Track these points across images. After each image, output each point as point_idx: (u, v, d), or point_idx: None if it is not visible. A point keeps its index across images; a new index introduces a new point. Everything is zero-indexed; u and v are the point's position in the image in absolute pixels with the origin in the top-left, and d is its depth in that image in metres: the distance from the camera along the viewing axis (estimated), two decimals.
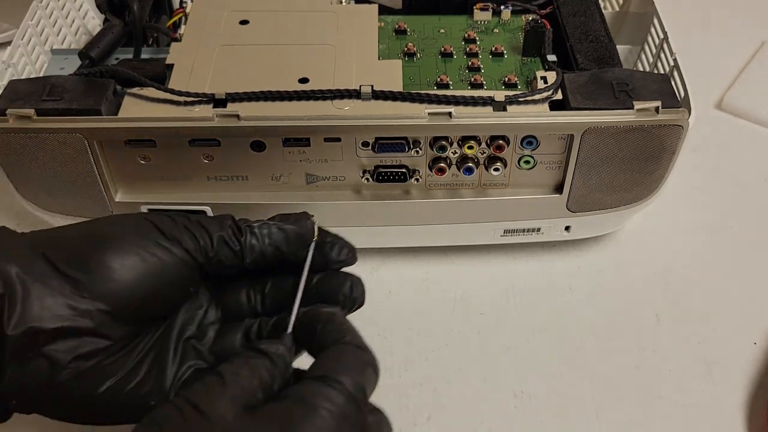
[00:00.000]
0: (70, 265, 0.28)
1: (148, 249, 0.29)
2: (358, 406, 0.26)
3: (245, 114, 0.36)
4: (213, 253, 0.30)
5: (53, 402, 0.29)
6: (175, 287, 0.30)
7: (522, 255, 0.46)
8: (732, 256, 0.46)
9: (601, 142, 0.37)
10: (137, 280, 0.28)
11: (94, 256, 0.28)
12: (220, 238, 0.30)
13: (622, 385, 0.40)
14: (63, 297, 0.27)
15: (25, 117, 0.36)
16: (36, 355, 0.27)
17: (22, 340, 0.27)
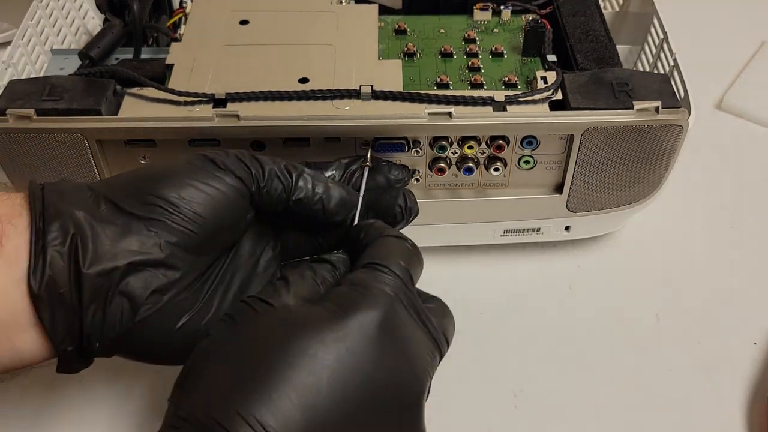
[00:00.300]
0: (132, 204, 0.29)
1: (202, 180, 0.30)
2: (408, 288, 0.29)
3: (245, 114, 0.36)
4: (264, 183, 0.31)
5: (134, 343, 0.29)
6: (231, 215, 0.31)
7: (522, 255, 0.46)
8: (732, 256, 0.46)
9: (601, 142, 0.37)
10: (196, 209, 0.29)
11: (154, 192, 0.29)
12: (271, 170, 0.31)
13: (622, 385, 0.40)
14: (130, 234, 0.28)
15: (25, 117, 0.36)
16: (114, 293, 0.28)
17: (99, 279, 0.27)
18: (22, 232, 0.27)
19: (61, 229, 0.27)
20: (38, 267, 0.27)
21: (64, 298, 0.27)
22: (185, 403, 0.26)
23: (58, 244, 0.27)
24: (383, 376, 0.27)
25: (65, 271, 0.27)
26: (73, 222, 0.28)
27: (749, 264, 0.46)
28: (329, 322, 0.27)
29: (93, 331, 0.28)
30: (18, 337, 0.27)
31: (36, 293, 0.27)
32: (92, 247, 0.28)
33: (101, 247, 0.28)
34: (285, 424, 0.24)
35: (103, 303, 0.28)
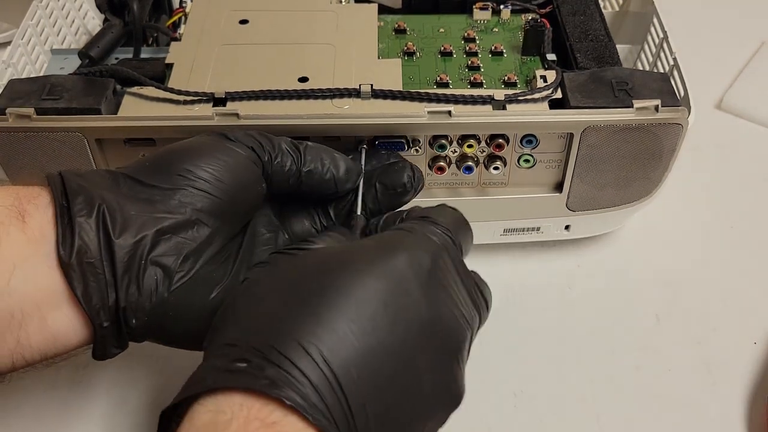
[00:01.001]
0: (153, 177, 0.30)
1: (218, 151, 0.31)
2: (457, 246, 0.30)
3: (245, 113, 0.36)
4: (276, 155, 0.32)
5: (169, 318, 0.29)
6: (248, 179, 0.31)
7: (522, 254, 0.46)
8: (732, 256, 0.46)
9: (600, 141, 0.37)
10: (216, 174, 0.30)
11: (173, 165, 0.30)
12: (280, 144, 0.33)
13: (622, 385, 0.40)
14: (156, 203, 0.29)
15: (24, 116, 0.36)
16: (146, 262, 0.28)
17: (131, 248, 0.28)
18: (44, 210, 0.27)
19: (86, 202, 0.28)
20: (66, 238, 0.27)
21: (96, 268, 0.27)
22: (230, 334, 0.25)
23: (85, 215, 0.27)
24: (431, 316, 0.27)
25: (95, 241, 0.27)
26: (97, 195, 0.28)
27: (749, 264, 0.46)
28: (379, 256, 0.27)
29: (129, 304, 0.28)
30: (51, 315, 0.27)
31: (67, 263, 0.26)
32: (120, 217, 0.28)
33: (129, 216, 0.28)
34: (344, 354, 0.24)
35: (137, 272, 0.28)
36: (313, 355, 0.23)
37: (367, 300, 0.25)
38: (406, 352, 0.25)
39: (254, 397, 0.23)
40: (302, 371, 0.23)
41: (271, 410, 0.23)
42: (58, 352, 0.28)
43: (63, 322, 0.27)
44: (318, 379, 0.23)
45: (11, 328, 0.26)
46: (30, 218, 0.27)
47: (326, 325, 0.24)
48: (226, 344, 0.25)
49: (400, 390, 0.25)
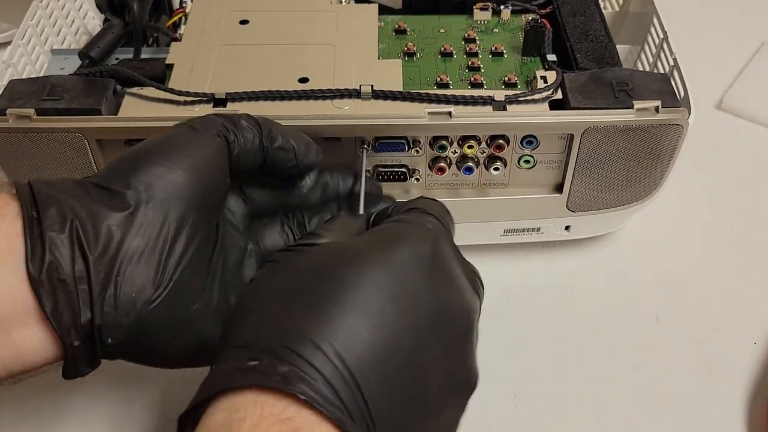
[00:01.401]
0: (122, 183, 0.28)
1: (186, 147, 0.30)
2: (448, 232, 0.31)
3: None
4: (240, 133, 0.32)
5: (147, 336, 0.28)
6: (216, 179, 0.31)
7: (522, 255, 0.46)
8: (732, 256, 0.46)
9: (600, 142, 0.37)
10: (183, 178, 0.29)
11: (140, 169, 0.29)
12: (240, 122, 0.32)
13: (622, 385, 0.40)
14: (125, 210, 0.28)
15: (25, 117, 0.36)
16: (123, 279, 0.27)
17: (106, 266, 0.27)
18: (12, 220, 0.27)
19: (58, 215, 0.27)
20: (36, 252, 0.26)
21: (68, 285, 0.26)
22: (241, 336, 0.25)
23: (57, 229, 0.26)
24: (438, 303, 0.26)
25: (68, 257, 0.26)
26: (69, 207, 0.27)
27: (749, 264, 0.46)
28: (382, 250, 0.27)
29: (105, 322, 0.27)
30: (18, 332, 0.26)
31: (37, 279, 0.26)
32: (93, 231, 0.27)
33: (101, 229, 0.27)
34: (357, 348, 0.24)
35: (114, 290, 0.27)
36: (326, 351, 0.23)
37: (375, 294, 0.25)
38: (418, 341, 0.25)
39: (267, 394, 0.23)
40: (315, 367, 0.23)
41: (285, 406, 0.22)
42: (26, 369, 0.27)
43: (31, 339, 0.26)
44: (331, 373, 0.23)
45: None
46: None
47: (337, 322, 0.24)
48: (236, 347, 0.24)
49: (414, 380, 0.25)
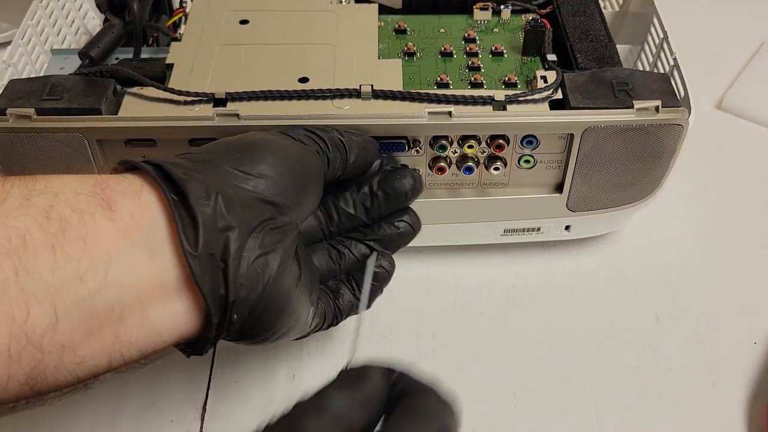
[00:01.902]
0: (245, 165, 0.29)
1: (296, 149, 0.32)
2: None
3: (245, 113, 0.36)
4: (332, 156, 0.33)
5: (264, 312, 0.28)
6: (318, 183, 0.33)
7: (522, 254, 0.46)
8: (732, 256, 0.46)
9: (601, 142, 0.37)
10: (298, 173, 0.31)
11: (261, 155, 0.30)
12: (333, 141, 0.34)
13: (622, 385, 0.40)
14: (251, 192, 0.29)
15: (25, 116, 0.36)
16: (255, 257, 0.28)
17: (242, 243, 0.27)
18: (132, 196, 0.26)
19: (203, 189, 0.27)
20: (188, 228, 0.26)
21: (217, 261, 0.26)
22: None
23: (204, 203, 0.26)
24: None
25: (214, 230, 0.26)
26: (210, 182, 0.27)
27: (749, 264, 0.46)
28: None
29: (237, 299, 0.27)
30: (154, 308, 0.26)
31: (195, 254, 0.26)
32: (233, 206, 0.27)
33: (238, 205, 0.27)
34: None
35: (247, 266, 0.27)
36: None
37: None
38: None
39: None
40: None
41: None
42: (157, 348, 0.27)
43: (167, 316, 0.26)
44: None
45: (110, 322, 0.25)
46: (118, 205, 0.26)
47: None
48: None
49: None
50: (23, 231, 0.24)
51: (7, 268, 0.23)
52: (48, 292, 0.23)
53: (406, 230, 0.37)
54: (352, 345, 0.34)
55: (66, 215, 0.25)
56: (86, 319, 0.24)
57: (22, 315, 0.23)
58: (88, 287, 0.24)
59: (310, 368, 0.40)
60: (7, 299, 0.23)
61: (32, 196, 0.25)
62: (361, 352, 0.41)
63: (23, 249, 0.23)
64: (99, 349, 0.25)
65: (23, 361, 0.23)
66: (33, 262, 0.23)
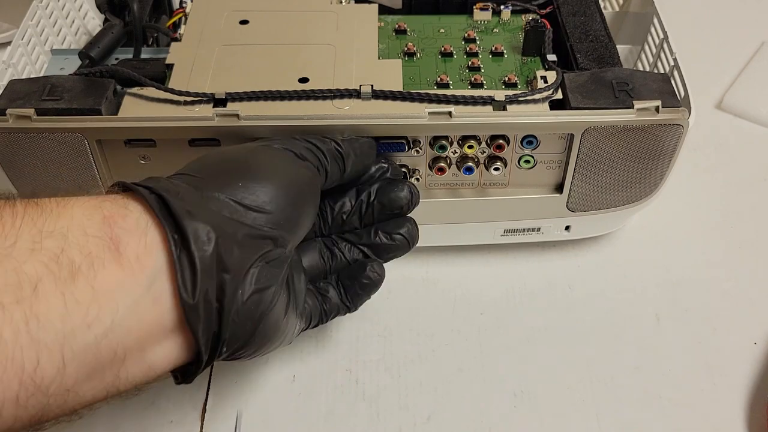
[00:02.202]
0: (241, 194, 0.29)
1: (294, 168, 0.32)
2: None
3: (245, 114, 0.36)
4: (329, 168, 0.34)
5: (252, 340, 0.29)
6: (314, 203, 0.33)
7: (522, 255, 0.46)
8: (732, 256, 0.46)
9: (601, 142, 0.37)
10: (294, 197, 0.31)
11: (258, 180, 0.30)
12: (330, 153, 0.34)
13: (622, 385, 0.40)
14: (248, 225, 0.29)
15: (25, 117, 0.36)
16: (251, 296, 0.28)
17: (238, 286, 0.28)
18: (138, 235, 0.26)
19: (204, 234, 0.27)
20: (186, 277, 0.26)
21: (212, 305, 0.27)
22: None
23: (205, 250, 0.27)
24: None
25: (211, 274, 0.27)
26: (210, 222, 0.27)
27: (749, 264, 0.46)
28: None
29: (230, 336, 0.28)
30: (152, 349, 0.27)
31: (191, 305, 0.26)
32: (231, 249, 0.27)
33: (235, 246, 0.28)
34: None
35: (241, 306, 0.28)
36: None
37: None
38: None
39: None
40: None
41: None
42: (149, 381, 0.28)
43: (162, 354, 0.27)
44: None
45: (113, 365, 0.26)
46: (124, 247, 0.26)
47: None
48: None
49: None
50: (35, 279, 0.24)
51: (18, 317, 0.23)
52: (57, 340, 0.24)
53: (402, 243, 0.37)
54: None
55: (76, 261, 0.25)
56: (91, 363, 0.25)
57: (32, 364, 0.23)
58: (95, 333, 0.24)
59: (309, 368, 0.40)
60: (18, 349, 0.23)
61: (42, 238, 0.24)
62: (361, 352, 0.41)
63: (34, 297, 0.23)
64: (99, 388, 0.26)
65: (30, 407, 0.24)
66: (44, 311, 0.23)
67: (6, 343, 0.22)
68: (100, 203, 0.27)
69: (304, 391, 0.40)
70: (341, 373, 0.40)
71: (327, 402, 0.39)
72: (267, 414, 0.39)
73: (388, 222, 0.37)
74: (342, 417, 0.38)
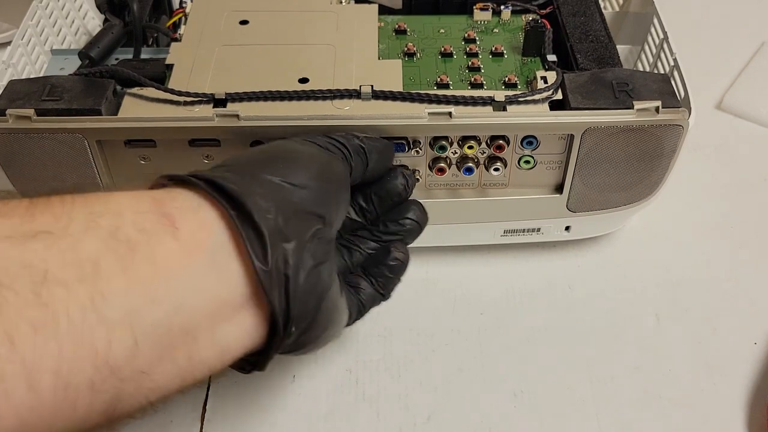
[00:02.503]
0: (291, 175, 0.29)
1: (327, 157, 0.32)
2: None
3: (245, 114, 0.36)
4: (354, 163, 0.33)
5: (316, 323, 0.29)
6: (345, 184, 0.33)
7: (522, 255, 0.46)
8: (732, 256, 0.46)
9: (601, 142, 0.37)
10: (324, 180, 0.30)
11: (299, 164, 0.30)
12: (355, 149, 0.34)
13: (622, 385, 0.40)
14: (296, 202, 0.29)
15: (24, 117, 0.36)
16: (311, 269, 0.28)
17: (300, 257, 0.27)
18: (191, 213, 0.26)
19: (265, 206, 0.27)
20: (256, 246, 0.26)
21: (281, 273, 0.26)
22: None
23: (268, 218, 0.26)
24: None
25: (277, 243, 0.26)
26: (267, 196, 0.27)
27: (749, 264, 0.46)
28: None
29: (298, 312, 0.27)
30: (221, 327, 0.26)
31: (267, 271, 0.26)
32: (289, 218, 0.27)
33: (292, 219, 0.27)
34: None
35: (305, 279, 0.27)
36: None
37: None
38: None
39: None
40: None
41: None
42: (224, 366, 0.27)
43: (233, 333, 0.26)
44: None
45: (184, 344, 0.25)
46: (180, 223, 0.25)
47: None
48: None
49: None
50: (95, 256, 0.23)
51: (84, 295, 0.22)
52: (126, 318, 0.23)
53: (412, 227, 0.37)
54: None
55: (133, 237, 0.24)
56: (162, 342, 0.24)
57: (104, 345, 0.22)
58: (164, 309, 0.24)
59: (309, 369, 0.40)
60: (87, 328, 0.22)
61: (95, 218, 0.24)
62: (361, 352, 0.41)
63: (96, 275, 0.23)
64: (174, 372, 0.25)
65: (104, 392, 0.23)
66: (108, 288, 0.23)
67: (74, 323, 0.22)
68: (146, 191, 0.27)
69: (304, 391, 0.40)
70: (341, 373, 0.40)
71: (327, 402, 0.39)
72: (267, 414, 0.39)
73: (393, 210, 0.37)
74: (342, 417, 0.38)
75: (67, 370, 0.22)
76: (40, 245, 0.22)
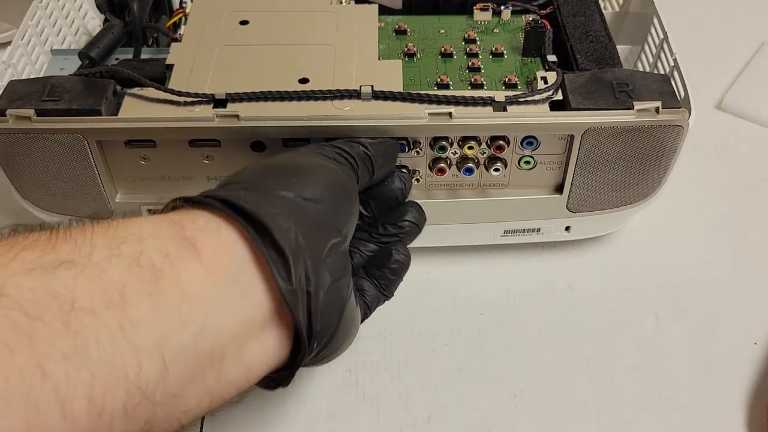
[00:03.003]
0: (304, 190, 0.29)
1: (339, 173, 0.32)
2: None
3: (245, 114, 0.36)
4: (359, 170, 0.34)
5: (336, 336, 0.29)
6: (354, 195, 0.33)
7: (522, 255, 0.46)
8: (732, 256, 0.46)
9: (601, 143, 0.37)
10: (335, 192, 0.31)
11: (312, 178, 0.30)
12: (362, 162, 0.34)
13: (622, 385, 0.40)
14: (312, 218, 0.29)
15: (24, 117, 0.36)
16: (331, 285, 0.28)
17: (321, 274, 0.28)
18: (212, 235, 0.26)
19: (283, 222, 0.27)
20: (279, 266, 0.26)
21: (304, 291, 0.27)
22: None
23: (288, 238, 0.26)
24: None
25: (299, 262, 0.27)
26: (285, 216, 0.27)
27: (749, 264, 0.46)
28: None
29: (321, 329, 0.28)
30: (247, 346, 0.26)
31: (292, 290, 0.26)
32: (307, 235, 0.27)
33: (311, 235, 0.28)
34: None
35: (325, 295, 0.28)
36: None
37: None
38: None
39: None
40: None
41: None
42: (250, 385, 0.27)
43: (258, 352, 0.27)
44: None
45: (213, 365, 0.25)
46: (202, 245, 0.25)
47: None
48: None
49: None
50: (120, 284, 0.23)
51: (113, 323, 0.22)
52: (155, 343, 0.23)
53: (411, 228, 0.37)
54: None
55: (157, 262, 0.24)
56: (191, 364, 0.24)
57: (134, 370, 0.22)
58: (191, 332, 0.24)
59: (309, 369, 0.40)
60: (119, 355, 0.22)
61: (117, 244, 0.24)
62: (361, 352, 0.41)
63: (123, 301, 0.23)
64: (203, 393, 0.25)
65: (138, 417, 0.23)
66: (136, 314, 0.23)
67: (105, 350, 0.22)
68: (165, 215, 0.27)
69: (304, 391, 0.40)
70: (341, 373, 0.40)
71: (327, 402, 0.39)
72: (267, 415, 0.39)
73: (391, 213, 0.37)
74: (342, 417, 0.38)
75: (101, 396, 0.22)
76: (65, 275, 0.22)
